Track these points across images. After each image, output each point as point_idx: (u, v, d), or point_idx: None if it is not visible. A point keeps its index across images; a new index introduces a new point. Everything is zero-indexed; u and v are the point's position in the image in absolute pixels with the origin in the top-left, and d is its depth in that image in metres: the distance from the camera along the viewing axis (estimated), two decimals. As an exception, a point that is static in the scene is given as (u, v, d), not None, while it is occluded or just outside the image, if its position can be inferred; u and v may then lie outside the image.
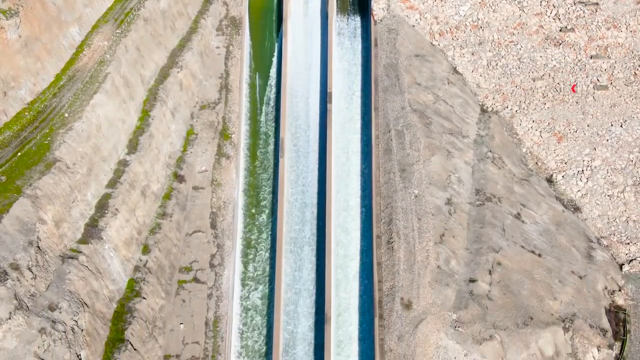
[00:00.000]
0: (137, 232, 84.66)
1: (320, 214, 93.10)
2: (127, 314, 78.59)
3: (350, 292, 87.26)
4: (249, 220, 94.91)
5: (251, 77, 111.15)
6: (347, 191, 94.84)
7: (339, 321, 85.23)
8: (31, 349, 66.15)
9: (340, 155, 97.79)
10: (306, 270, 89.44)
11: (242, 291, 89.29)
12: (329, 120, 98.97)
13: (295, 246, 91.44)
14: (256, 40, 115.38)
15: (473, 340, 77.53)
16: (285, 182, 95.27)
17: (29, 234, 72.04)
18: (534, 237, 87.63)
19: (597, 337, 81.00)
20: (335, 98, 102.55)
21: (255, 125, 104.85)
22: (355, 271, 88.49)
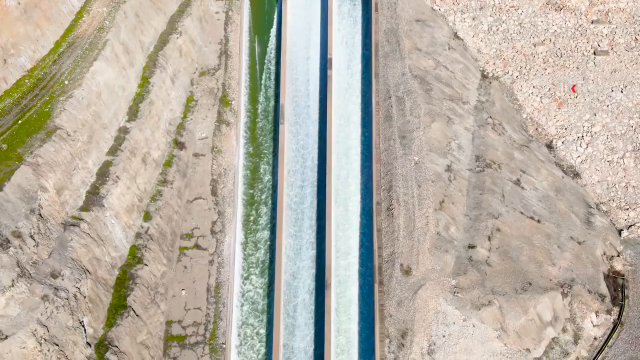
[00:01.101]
0: (138, 199, 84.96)
1: (321, 178, 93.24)
2: (129, 280, 79.14)
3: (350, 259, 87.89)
4: (249, 188, 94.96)
5: (251, 43, 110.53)
6: (347, 160, 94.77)
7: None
8: (34, 316, 66.82)
9: (340, 122, 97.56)
10: (306, 241, 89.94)
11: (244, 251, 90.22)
12: (329, 86, 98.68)
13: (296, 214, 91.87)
14: (255, 4, 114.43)
15: (472, 306, 78.22)
16: (286, 149, 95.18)
17: (30, 202, 72.37)
18: (533, 203, 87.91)
19: (596, 302, 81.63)
20: (335, 64, 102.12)
21: (255, 92, 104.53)
22: (355, 240, 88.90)
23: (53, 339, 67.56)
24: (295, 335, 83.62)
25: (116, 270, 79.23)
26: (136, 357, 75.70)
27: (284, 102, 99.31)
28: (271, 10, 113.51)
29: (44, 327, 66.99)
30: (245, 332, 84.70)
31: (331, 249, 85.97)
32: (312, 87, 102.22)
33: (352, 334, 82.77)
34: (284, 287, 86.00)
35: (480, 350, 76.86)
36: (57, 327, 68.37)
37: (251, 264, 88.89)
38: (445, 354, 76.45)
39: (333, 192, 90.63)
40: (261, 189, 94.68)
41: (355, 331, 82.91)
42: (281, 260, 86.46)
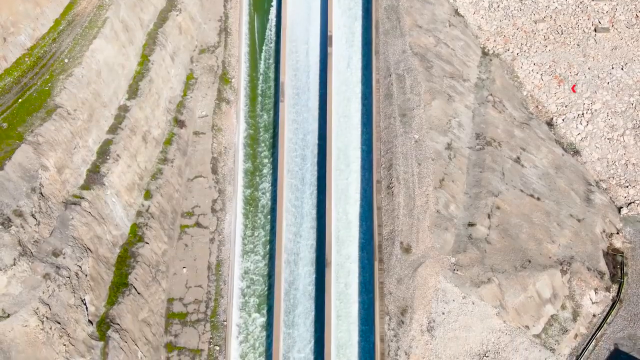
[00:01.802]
0: (138, 177, 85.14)
1: (321, 159, 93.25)
2: (131, 258, 79.54)
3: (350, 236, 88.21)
4: (249, 167, 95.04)
5: (251, 20, 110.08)
6: (347, 139, 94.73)
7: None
8: (36, 295, 67.27)
9: (340, 100, 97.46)
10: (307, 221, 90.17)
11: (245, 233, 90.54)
12: (329, 63, 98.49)
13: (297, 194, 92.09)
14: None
15: (471, 283, 78.64)
16: (286, 127, 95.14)
17: (31, 181, 72.58)
18: (533, 180, 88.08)
19: (595, 279, 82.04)
20: (335, 41, 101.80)
21: (255, 69, 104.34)
22: (355, 216, 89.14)
23: (55, 317, 68.09)
24: (297, 309, 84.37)
25: (117, 248, 79.60)
26: (138, 334, 76.27)
27: (284, 80, 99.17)
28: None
29: (46, 305, 67.48)
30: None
31: (331, 230, 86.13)
32: (313, 65, 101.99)
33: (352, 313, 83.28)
34: (284, 266, 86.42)
35: (479, 327, 77.39)
36: (58, 305, 68.85)
37: (251, 245, 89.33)
38: (444, 331, 76.99)
39: (333, 173, 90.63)
40: (261, 169, 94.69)
41: (354, 310, 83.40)
42: (281, 238, 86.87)
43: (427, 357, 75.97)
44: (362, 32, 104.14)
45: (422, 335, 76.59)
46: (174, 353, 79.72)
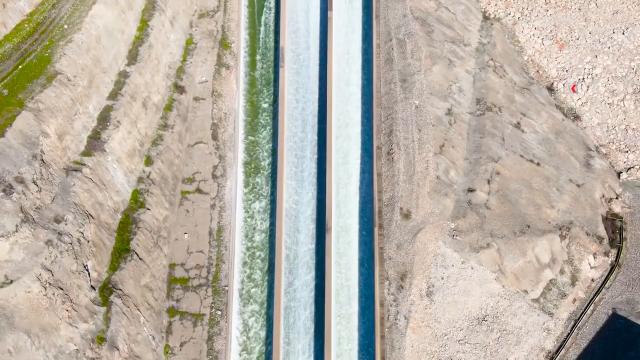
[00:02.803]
0: (139, 143, 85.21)
1: (321, 123, 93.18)
2: (132, 224, 79.92)
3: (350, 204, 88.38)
4: (250, 132, 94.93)
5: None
6: (347, 106, 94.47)
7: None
8: (38, 261, 67.75)
9: (340, 64, 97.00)
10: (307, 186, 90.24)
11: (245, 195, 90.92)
12: (330, 28, 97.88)
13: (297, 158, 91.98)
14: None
15: (470, 248, 79.11)
16: (286, 92, 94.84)
17: (32, 148, 72.72)
18: (533, 146, 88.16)
19: (594, 244, 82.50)
20: (335, 5, 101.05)
21: (255, 34, 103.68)
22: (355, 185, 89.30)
23: (57, 283, 68.64)
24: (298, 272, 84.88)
25: (119, 214, 79.95)
26: (140, 299, 76.91)
27: (284, 45, 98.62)
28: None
29: (49, 271, 68.00)
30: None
31: (331, 194, 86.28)
32: (312, 29, 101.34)
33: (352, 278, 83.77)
34: (285, 230, 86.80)
35: (478, 292, 78.03)
36: (61, 271, 69.38)
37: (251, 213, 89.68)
38: (443, 296, 77.63)
39: (334, 138, 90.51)
40: (262, 135, 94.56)
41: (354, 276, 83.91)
42: (282, 206, 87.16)
43: (426, 321, 76.68)
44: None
45: (421, 299, 77.24)
46: (176, 317, 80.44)
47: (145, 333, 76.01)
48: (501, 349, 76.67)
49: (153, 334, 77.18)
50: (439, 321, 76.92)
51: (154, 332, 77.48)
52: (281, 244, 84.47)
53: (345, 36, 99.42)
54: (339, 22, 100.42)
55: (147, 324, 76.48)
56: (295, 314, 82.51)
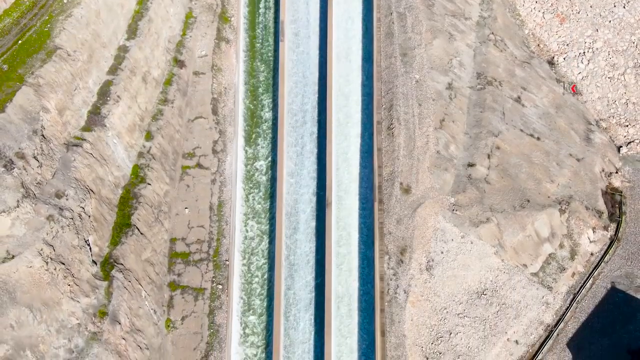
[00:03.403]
0: (139, 118, 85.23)
1: (322, 97, 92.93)
2: (133, 199, 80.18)
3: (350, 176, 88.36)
4: (250, 107, 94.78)
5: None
6: (347, 78, 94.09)
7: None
8: (40, 236, 68.11)
9: (340, 38, 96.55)
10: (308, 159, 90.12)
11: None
12: (329, 1, 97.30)
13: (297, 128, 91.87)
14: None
15: (470, 223, 79.40)
16: (286, 67, 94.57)
17: (33, 123, 72.87)
18: (533, 120, 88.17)
19: (593, 218, 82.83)
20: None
21: (255, 8, 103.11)
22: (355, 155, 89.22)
23: (59, 258, 69.04)
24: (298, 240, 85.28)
25: (120, 189, 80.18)
26: (141, 273, 77.37)
27: (284, 19, 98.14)
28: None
29: (50, 246, 68.36)
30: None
31: (332, 170, 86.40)
32: (312, 2, 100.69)
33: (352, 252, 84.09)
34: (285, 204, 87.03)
35: (477, 266, 78.45)
36: (62, 246, 69.75)
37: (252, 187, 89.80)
38: (443, 270, 78.05)
39: (334, 111, 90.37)
40: (262, 109, 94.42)
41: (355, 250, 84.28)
42: (282, 179, 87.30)
43: (425, 295, 77.17)
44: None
45: (421, 274, 77.66)
46: (178, 291, 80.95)
47: (147, 307, 76.55)
48: (500, 322, 77.25)
49: (154, 308, 77.74)
50: (439, 295, 77.42)
51: (156, 306, 78.03)
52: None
53: (345, 9, 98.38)
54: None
55: (148, 298, 77.01)
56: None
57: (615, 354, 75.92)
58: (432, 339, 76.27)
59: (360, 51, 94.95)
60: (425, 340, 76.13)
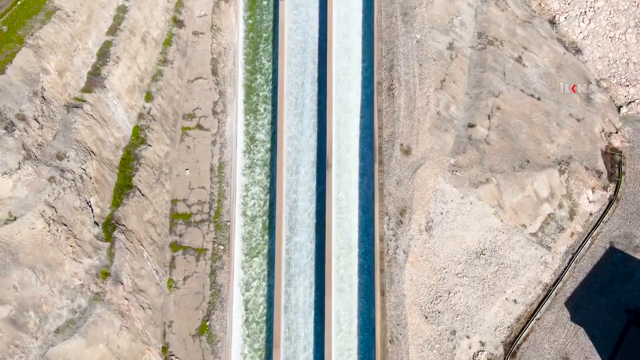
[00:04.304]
0: (139, 79, 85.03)
1: (321, 58, 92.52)
2: (134, 160, 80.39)
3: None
4: (249, 66, 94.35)
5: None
6: (347, 38, 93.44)
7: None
8: (41, 197, 68.57)
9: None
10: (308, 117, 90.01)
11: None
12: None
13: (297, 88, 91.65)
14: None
15: (470, 184, 79.77)
16: (286, 26, 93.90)
17: (33, 85, 72.89)
18: (534, 80, 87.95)
19: (592, 178, 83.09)
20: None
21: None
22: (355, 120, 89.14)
23: (61, 220, 69.57)
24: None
25: (120, 151, 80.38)
26: (143, 234, 77.93)
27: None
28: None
29: (52, 208, 68.85)
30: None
31: (332, 131, 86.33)
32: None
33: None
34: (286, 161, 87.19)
35: (477, 227, 78.99)
36: (64, 207, 70.23)
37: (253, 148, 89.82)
38: (442, 230, 78.61)
39: (334, 71, 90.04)
40: (261, 69, 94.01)
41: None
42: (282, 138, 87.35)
43: (425, 255, 77.82)
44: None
45: (420, 234, 78.22)
46: (179, 252, 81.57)
47: (149, 267, 77.27)
48: (499, 282, 78.00)
49: (156, 268, 78.47)
50: (438, 255, 78.06)
51: (158, 267, 78.75)
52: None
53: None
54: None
55: (150, 259, 77.68)
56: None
57: (613, 313, 76.74)
58: (431, 298, 77.10)
59: (360, 12, 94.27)
60: (425, 300, 76.97)
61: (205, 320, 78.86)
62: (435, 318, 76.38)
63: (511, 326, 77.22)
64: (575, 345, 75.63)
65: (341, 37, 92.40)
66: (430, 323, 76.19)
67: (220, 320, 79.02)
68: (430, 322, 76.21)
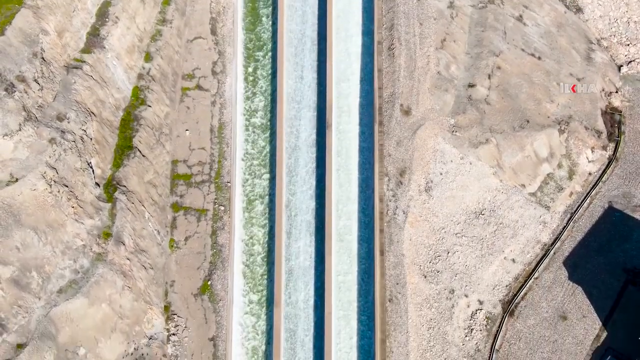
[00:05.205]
0: (138, 39, 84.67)
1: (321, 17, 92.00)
2: (134, 121, 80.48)
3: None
4: (248, 25, 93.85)
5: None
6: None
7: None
8: (42, 159, 68.89)
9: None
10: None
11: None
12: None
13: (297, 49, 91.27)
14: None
15: (469, 144, 79.94)
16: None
17: (32, 46, 72.73)
18: (534, 39, 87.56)
19: (592, 138, 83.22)
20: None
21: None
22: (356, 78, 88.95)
23: (62, 181, 69.94)
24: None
25: (120, 111, 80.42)
26: (144, 195, 78.35)
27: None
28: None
29: (53, 169, 69.18)
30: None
31: (332, 91, 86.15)
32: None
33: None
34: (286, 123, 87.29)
35: (476, 187, 79.36)
36: (65, 169, 70.56)
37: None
38: (442, 191, 79.00)
39: (334, 31, 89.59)
40: (261, 28, 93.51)
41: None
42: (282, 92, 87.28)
43: (424, 215, 78.32)
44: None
45: (420, 195, 78.61)
46: (180, 213, 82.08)
47: (150, 228, 77.83)
48: (497, 241, 78.61)
49: (158, 228, 79.04)
50: (437, 215, 78.56)
51: (159, 227, 79.32)
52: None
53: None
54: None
55: (151, 219, 78.22)
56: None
57: (611, 272, 77.43)
58: (430, 258, 77.78)
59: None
60: (424, 259, 77.65)
61: (206, 280, 79.69)
62: (434, 277, 77.14)
63: (509, 285, 77.99)
64: (572, 304, 76.48)
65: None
66: (429, 282, 76.97)
67: (222, 279, 79.84)
68: (429, 282, 76.99)
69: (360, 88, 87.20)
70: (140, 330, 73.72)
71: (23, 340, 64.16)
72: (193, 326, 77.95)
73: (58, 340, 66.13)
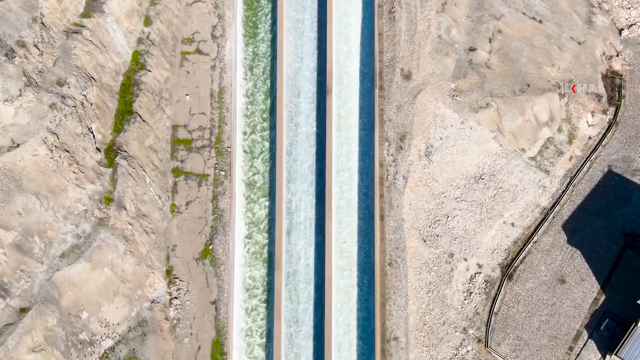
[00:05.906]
0: (137, 3, 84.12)
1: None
2: (134, 86, 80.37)
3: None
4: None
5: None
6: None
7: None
8: (43, 124, 69.03)
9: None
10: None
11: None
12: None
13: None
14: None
15: (470, 109, 79.96)
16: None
17: (32, 11, 72.51)
18: (535, 3, 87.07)
19: (592, 102, 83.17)
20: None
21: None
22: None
23: (63, 146, 70.16)
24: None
25: (120, 76, 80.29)
26: (145, 160, 78.55)
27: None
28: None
29: (54, 134, 69.37)
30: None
31: (332, 56, 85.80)
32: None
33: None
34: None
35: (476, 151, 79.55)
36: (66, 134, 70.73)
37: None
38: (442, 155, 79.20)
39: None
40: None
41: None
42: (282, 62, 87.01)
43: (424, 180, 78.60)
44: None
45: (420, 160, 78.82)
46: (181, 177, 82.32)
47: (152, 193, 78.16)
48: (497, 205, 78.98)
49: (159, 193, 79.36)
50: (437, 180, 78.85)
51: (160, 192, 79.64)
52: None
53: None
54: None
55: (152, 184, 78.51)
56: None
57: (610, 236, 77.83)
58: (429, 222, 78.22)
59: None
60: (423, 224, 78.11)
61: (208, 244, 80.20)
62: (433, 241, 77.64)
63: (508, 249, 78.49)
64: (571, 268, 77.00)
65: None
66: (428, 246, 77.50)
67: (223, 244, 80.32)
68: (428, 246, 77.52)
69: (360, 51, 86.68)
70: (143, 294, 74.42)
71: (26, 304, 64.84)
72: (195, 290, 78.64)
73: (61, 304, 66.80)
